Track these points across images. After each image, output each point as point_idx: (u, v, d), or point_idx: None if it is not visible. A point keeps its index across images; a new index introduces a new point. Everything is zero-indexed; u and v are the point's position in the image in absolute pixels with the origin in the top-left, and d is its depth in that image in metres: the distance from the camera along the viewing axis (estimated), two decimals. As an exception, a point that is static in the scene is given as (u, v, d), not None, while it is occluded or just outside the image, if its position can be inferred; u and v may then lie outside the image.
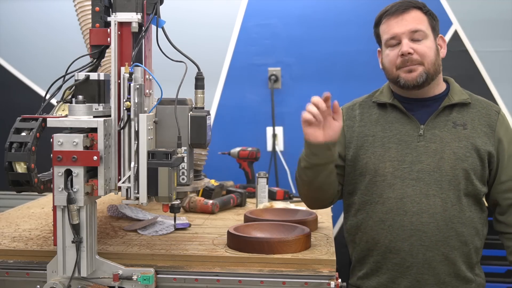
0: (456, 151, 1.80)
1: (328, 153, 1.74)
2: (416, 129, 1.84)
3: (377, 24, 1.88)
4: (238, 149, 2.77)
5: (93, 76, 1.56)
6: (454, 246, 1.79)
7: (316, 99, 1.69)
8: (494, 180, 1.85)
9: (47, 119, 1.49)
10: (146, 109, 1.56)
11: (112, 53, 1.52)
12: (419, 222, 1.78)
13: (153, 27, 1.61)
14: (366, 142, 1.87)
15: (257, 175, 2.38)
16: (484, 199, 1.88)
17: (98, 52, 1.60)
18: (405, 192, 1.80)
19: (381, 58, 1.89)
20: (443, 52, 1.88)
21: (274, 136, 3.28)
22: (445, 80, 1.93)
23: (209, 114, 1.64)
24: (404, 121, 1.86)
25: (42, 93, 3.31)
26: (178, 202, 1.67)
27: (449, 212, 1.78)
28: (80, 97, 1.52)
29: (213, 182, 2.49)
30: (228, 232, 1.78)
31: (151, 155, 1.49)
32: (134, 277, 1.56)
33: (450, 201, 1.79)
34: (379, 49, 1.91)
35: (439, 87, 1.88)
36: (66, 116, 1.52)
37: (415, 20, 1.81)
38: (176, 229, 1.97)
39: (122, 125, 1.50)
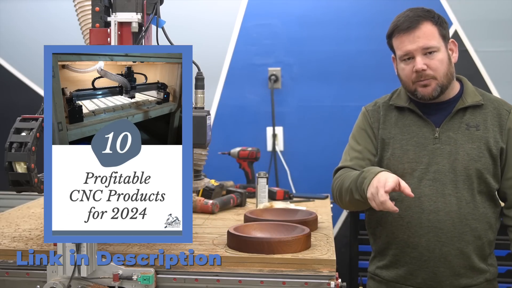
0: (470, 152, 1.88)
1: None
2: (431, 131, 1.91)
3: (390, 36, 1.93)
4: (238, 149, 2.77)
5: (93, 76, 1.56)
6: (468, 241, 1.87)
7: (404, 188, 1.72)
8: (502, 175, 1.91)
9: (47, 119, 1.48)
10: (146, 109, 1.56)
11: (112, 53, 1.52)
12: (435, 220, 1.86)
13: (153, 27, 1.61)
14: (387, 145, 1.96)
15: (257, 175, 2.38)
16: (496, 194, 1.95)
17: (98, 52, 1.60)
18: (422, 191, 1.88)
19: (396, 66, 1.96)
20: (455, 56, 1.93)
21: (274, 136, 3.28)
22: (459, 79, 1.98)
23: (209, 114, 1.64)
24: (421, 124, 1.93)
25: (42, 93, 3.30)
26: (178, 202, 1.67)
27: (464, 210, 1.86)
28: (80, 97, 1.52)
29: (213, 182, 2.49)
30: (228, 232, 1.78)
31: (151, 155, 1.48)
32: (134, 277, 1.56)
33: (465, 199, 1.87)
34: (393, 56, 1.97)
35: (453, 90, 1.94)
36: (66, 116, 1.52)
37: (426, 36, 1.84)
38: (176, 229, 1.97)
39: (122, 125, 1.50)
